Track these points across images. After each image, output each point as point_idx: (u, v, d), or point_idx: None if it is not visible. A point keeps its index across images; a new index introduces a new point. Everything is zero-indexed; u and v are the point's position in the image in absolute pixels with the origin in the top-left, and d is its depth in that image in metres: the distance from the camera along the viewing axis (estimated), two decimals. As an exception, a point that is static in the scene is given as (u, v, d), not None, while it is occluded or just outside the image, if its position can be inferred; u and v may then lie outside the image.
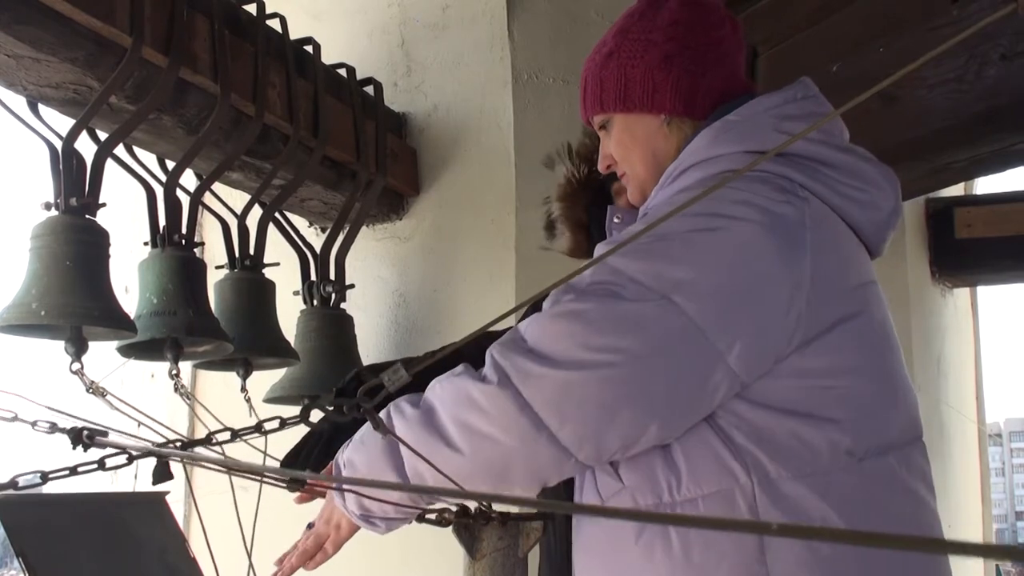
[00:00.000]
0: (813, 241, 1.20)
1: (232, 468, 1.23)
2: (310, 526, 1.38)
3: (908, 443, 1.28)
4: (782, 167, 1.23)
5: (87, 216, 1.83)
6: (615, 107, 1.38)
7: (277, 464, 1.52)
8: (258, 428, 1.18)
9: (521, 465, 1.18)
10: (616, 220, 1.50)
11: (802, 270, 1.18)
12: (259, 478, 1.30)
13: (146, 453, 1.05)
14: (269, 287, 2.30)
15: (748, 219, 1.17)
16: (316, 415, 1.18)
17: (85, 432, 1.05)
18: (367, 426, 1.22)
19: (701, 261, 1.17)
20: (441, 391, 1.22)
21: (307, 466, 1.45)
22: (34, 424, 1.18)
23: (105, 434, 1.07)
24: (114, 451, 1.06)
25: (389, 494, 1.25)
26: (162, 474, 1.35)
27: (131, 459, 1.06)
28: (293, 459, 1.50)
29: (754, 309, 1.17)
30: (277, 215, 2.42)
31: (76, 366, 1.79)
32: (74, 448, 1.07)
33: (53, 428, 1.15)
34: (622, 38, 1.38)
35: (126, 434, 1.41)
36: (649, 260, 1.17)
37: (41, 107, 1.91)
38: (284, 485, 1.34)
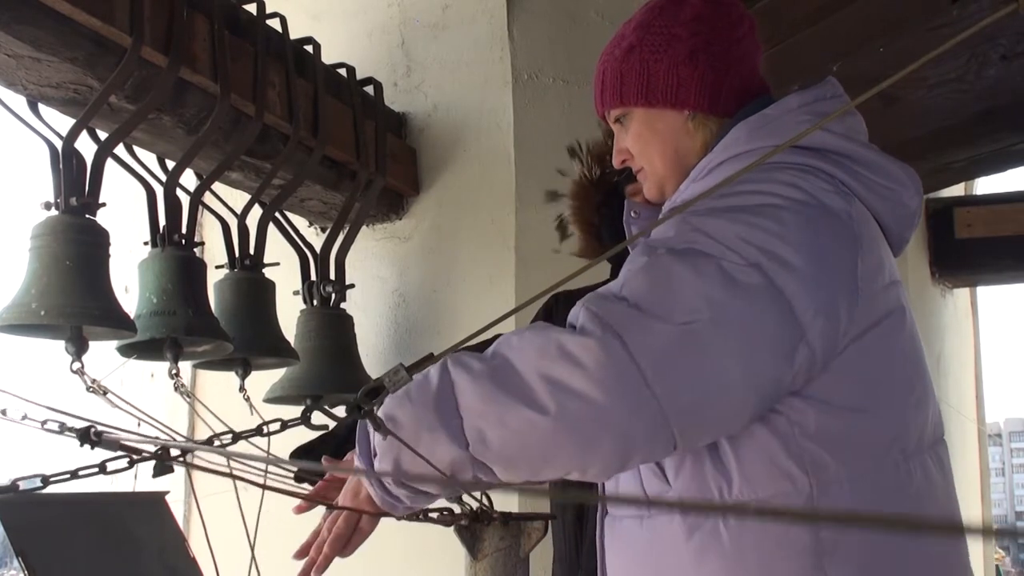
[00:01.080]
0: (860, 235, 1.20)
1: (235, 470, 1.23)
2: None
3: (937, 441, 1.29)
4: (822, 162, 1.23)
5: (87, 216, 1.83)
6: (636, 101, 1.36)
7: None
8: (260, 430, 1.18)
9: (613, 431, 1.07)
10: (633, 215, 1.47)
11: (856, 261, 1.18)
12: (262, 480, 1.30)
13: (152, 456, 1.05)
14: (269, 287, 2.30)
15: (807, 203, 1.17)
16: (318, 417, 1.17)
17: (93, 431, 1.05)
18: (414, 382, 1.05)
19: (779, 234, 1.14)
20: (520, 342, 1.11)
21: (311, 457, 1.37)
22: (44, 423, 1.18)
23: (112, 433, 1.07)
24: (119, 453, 1.06)
25: (435, 453, 1.08)
26: (163, 468, 1.35)
27: (133, 462, 1.06)
28: (303, 454, 1.46)
29: (825, 291, 1.15)
30: (277, 215, 2.42)
31: (76, 365, 1.79)
32: (81, 446, 1.07)
33: (63, 428, 1.15)
34: (644, 32, 1.36)
35: (128, 432, 1.41)
36: (732, 226, 1.14)
37: (41, 107, 1.91)
38: (285, 485, 1.34)
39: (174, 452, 1.15)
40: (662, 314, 1.09)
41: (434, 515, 1.36)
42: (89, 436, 1.05)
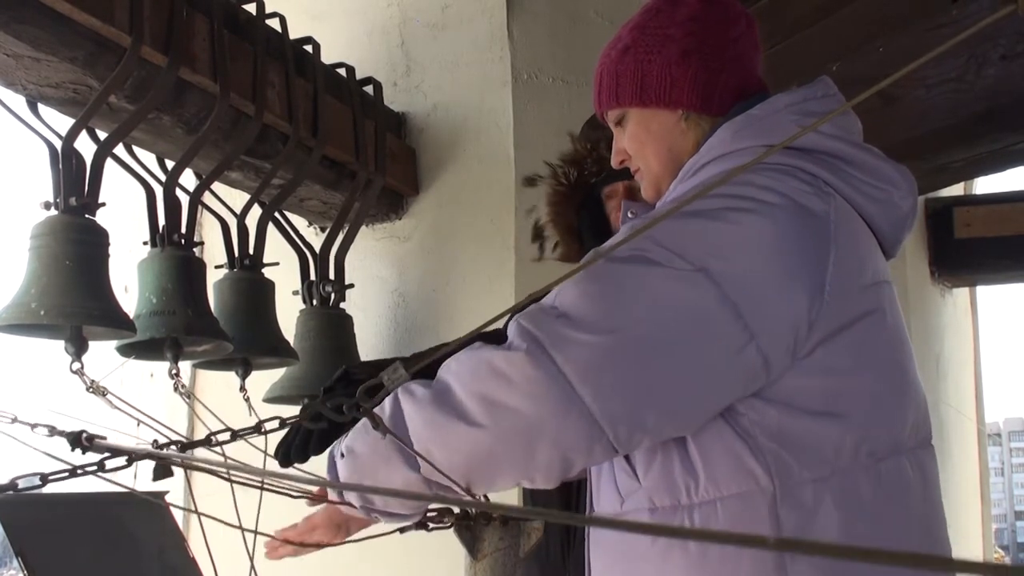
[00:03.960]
0: (836, 236, 1.19)
1: (232, 471, 1.23)
2: None
3: (919, 445, 1.28)
4: (805, 162, 1.23)
5: (87, 216, 1.83)
6: (631, 101, 1.37)
7: (277, 465, 1.50)
8: (258, 428, 1.18)
9: (548, 440, 1.11)
10: (631, 215, 1.48)
11: (827, 263, 1.17)
12: (259, 481, 1.30)
13: (145, 456, 1.05)
14: (268, 287, 2.30)
15: (777, 204, 1.17)
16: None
17: (84, 435, 1.05)
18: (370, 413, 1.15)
19: (734, 238, 1.15)
20: (457, 366, 1.16)
21: (301, 457, 1.39)
22: (33, 427, 1.18)
23: (104, 438, 1.07)
24: (113, 454, 1.06)
25: (393, 480, 1.17)
26: (163, 471, 1.35)
27: (130, 461, 1.06)
28: (286, 451, 1.44)
29: (783, 294, 1.14)
30: (276, 215, 2.42)
31: (76, 366, 1.79)
32: (72, 451, 1.07)
33: (52, 431, 1.15)
34: (639, 33, 1.36)
35: (126, 434, 1.41)
36: (684, 231, 1.15)
37: (41, 106, 1.91)
38: (283, 489, 1.34)
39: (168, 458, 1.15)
40: (590, 323, 1.11)
41: (434, 515, 1.36)
42: (80, 441, 1.05)
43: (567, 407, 1.09)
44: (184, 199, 2.07)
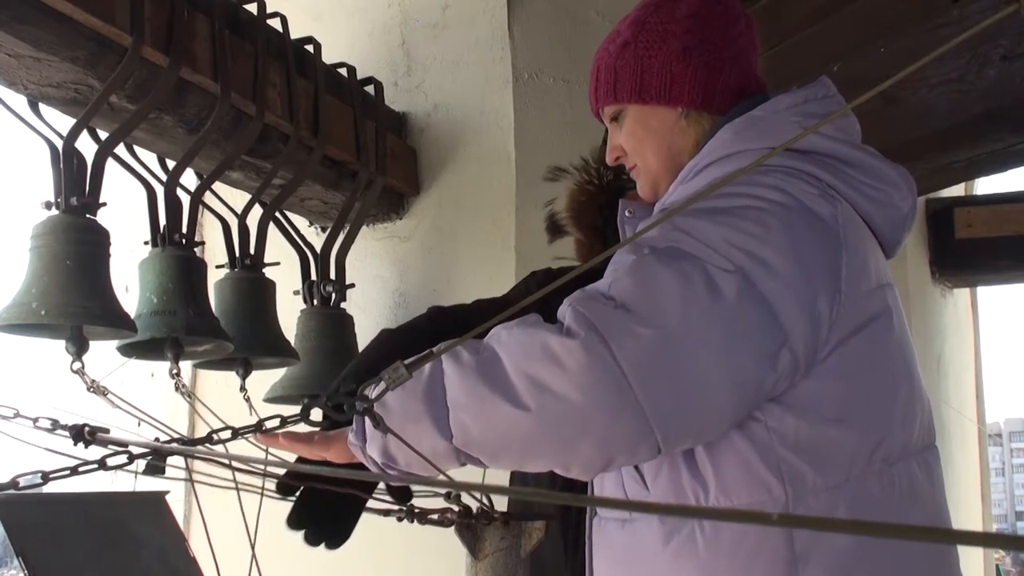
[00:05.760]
0: (845, 239, 1.19)
1: (233, 465, 1.23)
2: None
3: (926, 448, 1.28)
4: (809, 165, 1.22)
5: (87, 215, 1.83)
6: (630, 98, 1.35)
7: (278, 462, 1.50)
8: (259, 427, 1.18)
9: (593, 434, 1.07)
10: (628, 214, 1.45)
11: (840, 266, 1.17)
12: (261, 474, 1.30)
13: (147, 452, 1.05)
14: (269, 287, 2.30)
15: (789, 206, 1.16)
16: (318, 414, 1.17)
17: (87, 429, 1.05)
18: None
19: (762, 238, 1.14)
20: (508, 338, 1.11)
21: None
22: (35, 421, 1.18)
23: (107, 431, 1.07)
24: (115, 449, 1.06)
25: (421, 443, 1.09)
26: (153, 469, 1.34)
27: (132, 458, 1.06)
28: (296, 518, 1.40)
29: (807, 296, 1.14)
30: (277, 214, 2.42)
31: (77, 365, 1.78)
32: (75, 444, 1.07)
33: (55, 425, 1.15)
34: (639, 28, 1.35)
35: (128, 431, 1.41)
36: (720, 229, 1.14)
37: (42, 106, 1.91)
38: (283, 483, 1.33)
39: (171, 452, 1.15)
40: (647, 317, 1.08)
41: (435, 515, 1.36)
42: (83, 434, 1.05)
43: (620, 403, 1.05)
44: (185, 199, 2.07)
